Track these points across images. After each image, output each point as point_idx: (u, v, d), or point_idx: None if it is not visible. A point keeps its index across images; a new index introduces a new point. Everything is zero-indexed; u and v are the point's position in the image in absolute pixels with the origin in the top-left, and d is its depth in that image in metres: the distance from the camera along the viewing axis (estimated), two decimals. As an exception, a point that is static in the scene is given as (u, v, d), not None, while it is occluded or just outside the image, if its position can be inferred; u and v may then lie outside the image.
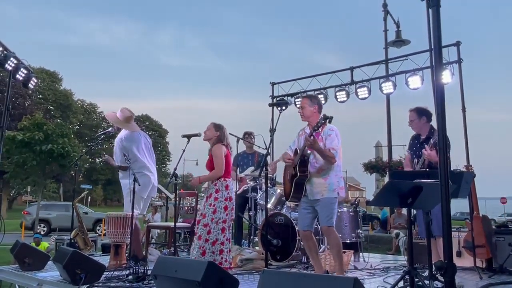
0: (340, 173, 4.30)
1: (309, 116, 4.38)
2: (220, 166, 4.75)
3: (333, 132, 4.24)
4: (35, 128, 15.91)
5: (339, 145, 4.24)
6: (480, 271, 4.67)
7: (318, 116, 4.32)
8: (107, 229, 5.20)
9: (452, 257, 2.15)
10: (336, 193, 4.19)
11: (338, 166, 4.26)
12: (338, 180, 4.24)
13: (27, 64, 7.29)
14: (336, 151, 4.16)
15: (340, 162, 4.26)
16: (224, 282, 3.14)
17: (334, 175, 4.22)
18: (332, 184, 4.18)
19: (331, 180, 4.19)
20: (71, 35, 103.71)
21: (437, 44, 2.37)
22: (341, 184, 4.27)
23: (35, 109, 35.13)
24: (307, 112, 4.39)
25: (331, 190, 4.17)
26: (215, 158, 4.78)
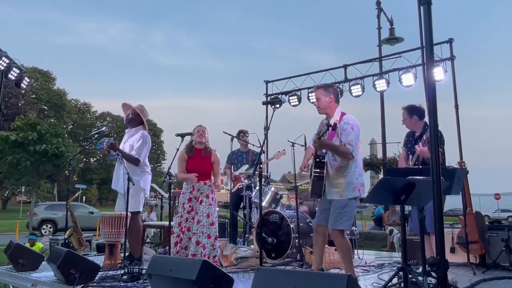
0: (359, 169, 3.93)
1: (326, 107, 4.04)
2: (219, 173, 5.16)
3: (349, 125, 3.86)
4: (28, 128, 15.83)
5: (357, 137, 3.85)
6: (473, 267, 4.70)
7: (335, 107, 4.03)
8: (102, 228, 5.18)
9: (444, 253, 2.16)
10: (357, 191, 3.86)
11: (358, 161, 3.91)
12: (358, 176, 3.89)
13: (19, 63, 7.25)
14: (352, 146, 3.80)
15: (360, 157, 3.94)
16: (218, 280, 3.15)
17: (353, 172, 3.87)
18: (352, 183, 3.86)
19: (350, 179, 3.86)
20: (65, 34, 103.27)
21: (428, 42, 2.38)
22: (362, 180, 3.91)
23: (28, 109, 34.95)
24: (322, 103, 4.05)
25: (349, 190, 3.85)
26: (217, 165, 5.08)
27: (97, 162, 61.84)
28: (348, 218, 3.85)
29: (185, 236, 4.81)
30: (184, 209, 4.90)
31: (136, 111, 5.41)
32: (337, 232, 3.84)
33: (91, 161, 62.16)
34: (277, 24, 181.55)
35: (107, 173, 59.72)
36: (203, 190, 4.91)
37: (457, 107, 7.32)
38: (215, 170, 5.03)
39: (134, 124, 5.42)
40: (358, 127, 3.91)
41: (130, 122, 5.43)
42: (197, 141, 4.97)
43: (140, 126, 5.41)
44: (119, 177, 5.12)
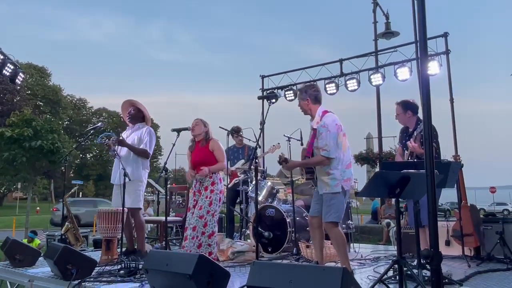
0: (343, 165, 4.06)
1: (306, 110, 4.26)
2: (223, 158, 4.96)
3: (325, 129, 4.02)
4: (24, 124, 15.73)
5: (334, 138, 3.98)
6: (468, 259, 4.74)
7: (315, 107, 4.20)
8: (99, 224, 5.19)
9: (438, 246, 2.18)
10: (339, 187, 4.00)
11: (340, 159, 4.04)
12: (342, 173, 4.03)
13: (14, 59, 7.21)
14: (327, 150, 3.96)
15: (341, 154, 4.05)
16: (215, 274, 3.16)
17: (337, 169, 4.02)
18: (335, 179, 4.01)
19: (334, 175, 4.02)
20: (60, 30, 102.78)
21: (422, 36, 2.39)
22: (346, 176, 4.05)
23: (23, 105, 34.77)
24: (302, 107, 4.28)
25: (333, 185, 4.02)
26: (219, 151, 4.94)
27: (94, 158, 61.68)
28: (336, 211, 3.97)
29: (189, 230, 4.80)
30: (191, 204, 4.94)
31: (138, 107, 5.42)
32: (328, 225, 4.00)
33: (88, 157, 62.00)
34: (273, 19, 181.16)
35: (103, 169, 59.58)
36: (204, 182, 4.89)
37: (452, 101, 7.34)
38: (218, 157, 4.89)
39: (136, 120, 5.42)
40: (337, 126, 4.05)
41: (133, 119, 5.43)
42: (192, 134, 5.02)
43: (143, 123, 5.42)
44: (117, 172, 5.16)
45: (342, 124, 4.17)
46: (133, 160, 5.21)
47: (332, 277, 2.40)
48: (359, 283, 2.70)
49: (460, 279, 3.75)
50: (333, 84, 8.97)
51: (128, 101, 5.52)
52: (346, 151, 4.14)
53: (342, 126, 4.16)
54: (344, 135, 4.14)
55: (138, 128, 5.38)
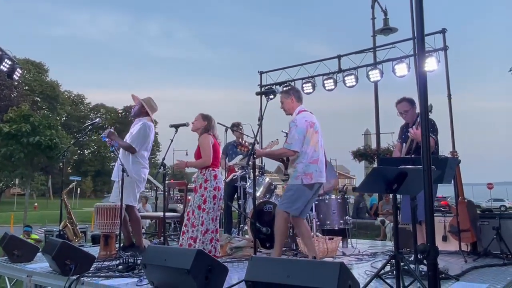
0: (308, 160, 4.28)
1: (289, 108, 4.56)
2: (207, 155, 4.77)
3: (294, 123, 4.33)
4: (21, 120, 15.70)
5: (299, 133, 4.26)
6: (465, 254, 4.76)
7: (296, 106, 4.51)
8: (97, 219, 5.20)
9: (434, 240, 2.20)
10: (299, 180, 4.24)
11: (305, 153, 4.27)
12: (304, 166, 4.26)
13: (11, 55, 7.19)
14: (291, 143, 4.25)
15: (308, 149, 4.28)
16: (213, 270, 3.17)
17: (300, 163, 4.27)
18: (296, 172, 4.27)
19: (296, 168, 4.28)
20: (58, 26, 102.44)
21: (420, 32, 2.39)
22: (309, 170, 4.26)
23: (21, 100, 34.66)
24: (286, 105, 4.57)
25: (294, 177, 4.28)
26: (201, 147, 4.82)
27: (92, 154, 61.64)
28: (289, 201, 4.27)
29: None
30: (191, 199, 4.95)
31: (141, 103, 5.40)
32: (277, 211, 4.34)
33: (86, 153, 61.94)
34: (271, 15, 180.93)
35: (101, 165, 59.57)
36: (198, 179, 4.86)
37: (450, 97, 7.37)
38: (201, 153, 4.80)
39: (139, 116, 5.44)
40: (306, 122, 4.32)
41: (136, 114, 5.45)
42: (191, 130, 5.01)
43: (144, 118, 5.42)
44: (117, 168, 5.16)
45: (316, 122, 4.43)
46: (123, 156, 5.21)
47: (329, 272, 2.42)
48: (356, 278, 2.72)
49: (457, 274, 3.77)
50: (331, 80, 8.98)
51: (132, 96, 5.54)
52: (317, 148, 4.35)
53: (316, 124, 4.41)
54: (316, 133, 4.37)
55: (136, 122, 5.40)
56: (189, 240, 4.67)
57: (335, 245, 5.12)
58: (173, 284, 3.25)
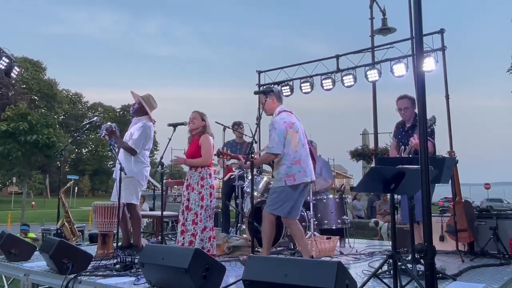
0: (290, 161, 4.27)
1: (270, 109, 4.54)
2: (209, 156, 4.89)
3: (272, 126, 4.33)
4: (19, 118, 15.68)
5: (279, 135, 4.24)
6: (462, 254, 4.78)
7: (277, 105, 4.50)
8: (94, 218, 5.19)
9: (431, 240, 2.20)
10: (283, 182, 4.24)
11: (287, 154, 4.27)
12: (287, 168, 4.25)
13: (9, 53, 7.17)
14: (272, 146, 4.26)
15: (289, 150, 4.27)
16: (210, 269, 3.18)
17: (283, 165, 4.27)
18: (279, 174, 4.28)
19: (280, 170, 4.29)
20: (56, 24, 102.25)
21: (418, 32, 2.40)
22: (292, 171, 4.24)
23: (19, 99, 34.62)
24: (267, 106, 4.55)
25: (277, 180, 4.30)
26: (203, 147, 4.85)
27: (89, 153, 61.52)
28: (273, 203, 4.28)
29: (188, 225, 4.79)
30: (184, 197, 4.91)
31: (141, 101, 5.37)
32: (265, 213, 4.32)
33: (83, 152, 61.82)
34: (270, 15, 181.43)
35: (99, 164, 59.45)
36: (194, 177, 4.87)
37: (448, 97, 7.37)
38: (202, 152, 4.84)
39: (139, 114, 5.40)
40: (285, 124, 4.31)
41: (135, 112, 5.41)
42: (188, 129, 5.00)
43: (144, 117, 5.38)
44: (118, 167, 5.15)
45: (295, 122, 4.41)
46: (125, 155, 5.21)
47: (327, 271, 2.43)
48: (353, 278, 2.72)
49: (454, 274, 3.78)
50: (329, 79, 8.98)
51: (132, 93, 5.51)
52: (298, 148, 4.33)
53: (296, 123, 4.39)
54: (296, 132, 4.35)
55: (136, 122, 5.37)
56: (190, 237, 4.69)
57: (333, 244, 5.13)
58: (171, 283, 3.25)
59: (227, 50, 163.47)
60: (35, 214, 23.53)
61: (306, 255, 4.30)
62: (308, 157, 4.44)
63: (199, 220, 4.72)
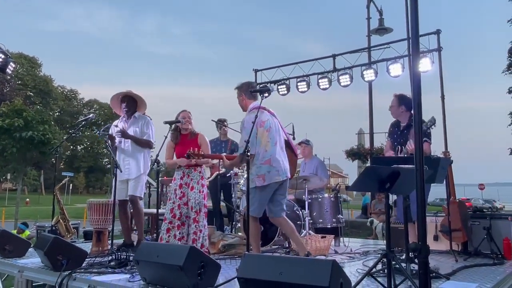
0: (260, 161, 4.20)
1: (242, 106, 4.51)
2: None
3: (242, 125, 4.27)
4: (14, 114, 15.58)
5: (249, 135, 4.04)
6: (456, 254, 4.80)
7: (249, 103, 4.42)
8: (89, 215, 5.19)
9: (425, 239, 2.22)
10: (254, 183, 4.18)
11: (257, 154, 4.20)
12: (257, 168, 4.19)
13: (4, 48, 7.13)
14: (242, 146, 4.10)
15: (259, 150, 4.20)
16: (205, 266, 3.19)
17: (254, 165, 4.21)
18: (251, 175, 4.19)
19: (252, 171, 4.19)
20: (52, 20, 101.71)
21: (414, 33, 2.41)
22: (261, 172, 4.18)
23: (14, 95, 34.41)
24: (239, 103, 4.52)
25: (250, 180, 4.19)
26: (204, 146, 4.95)
27: (85, 150, 61.34)
28: (252, 205, 4.15)
29: (180, 222, 4.78)
30: (176, 195, 4.86)
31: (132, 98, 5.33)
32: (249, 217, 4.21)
33: (78, 148, 61.63)
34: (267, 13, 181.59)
35: (94, 161, 59.28)
36: (193, 176, 4.87)
37: (443, 98, 7.42)
38: (203, 151, 4.83)
39: (132, 112, 5.34)
40: (253, 123, 4.05)
41: (129, 111, 5.32)
42: (183, 127, 4.97)
43: (142, 113, 5.39)
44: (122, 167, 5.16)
45: (266, 120, 4.29)
46: (136, 151, 5.21)
47: (321, 270, 2.44)
48: (348, 276, 2.74)
49: (447, 273, 3.80)
50: (325, 79, 9.01)
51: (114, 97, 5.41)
52: (268, 147, 4.23)
53: (266, 121, 4.28)
54: (267, 131, 4.25)
55: (136, 120, 5.31)
56: (193, 235, 4.71)
57: (328, 243, 5.15)
58: (166, 280, 3.25)
59: (224, 48, 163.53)
60: (29, 210, 23.46)
61: (302, 252, 4.26)
62: (280, 155, 4.32)
63: (201, 218, 4.77)
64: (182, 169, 4.92)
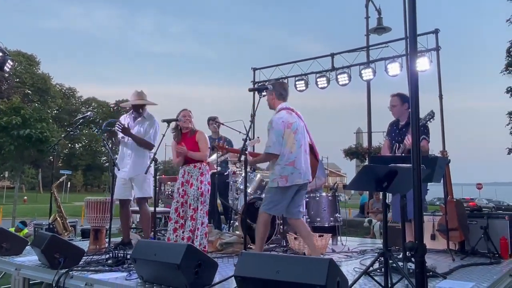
0: (285, 162, 4.22)
1: (270, 105, 4.53)
2: (207, 151, 5.02)
3: (270, 125, 4.28)
4: (12, 112, 15.54)
5: (276, 135, 4.19)
6: (453, 253, 4.81)
7: (278, 103, 4.44)
8: (87, 213, 5.19)
9: (422, 238, 2.22)
10: (276, 183, 4.21)
11: (282, 155, 4.22)
12: (281, 169, 4.22)
13: (2, 46, 7.12)
14: (268, 146, 4.23)
15: (285, 151, 4.22)
16: (203, 265, 3.19)
17: (277, 165, 4.24)
18: (273, 175, 4.26)
19: (274, 171, 4.26)
20: (51, 18, 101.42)
21: (412, 32, 2.40)
22: (284, 173, 4.20)
23: (12, 93, 34.35)
24: (268, 102, 4.54)
25: (271, 180, 4.29)
26: (203, 143, 4.95)
27: (83, 148, 61.25)
28: (267, 203, 4.28)
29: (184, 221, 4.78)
30: (179, 194, 4.88)
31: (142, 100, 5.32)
32: (259, 213, 4.32)
33: (76, 147, 61.55)
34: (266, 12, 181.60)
35: (92, 159, 59.18)
36: (193, 173, 4.87)
37: (441, 97, 7.42)
38: (201, 147, 4.91)
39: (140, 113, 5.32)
40: (283, 123, 4.22)
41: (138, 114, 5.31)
42: (183, 126, 4.98)
43: (150, 114, 5.36)
44: (127, 166, 5.17)
45: (294, 122, 4.31)
46: (140, 152, 5.20)
47: (318, 268, 2.44)
48: (345, 275, 2.74)
49: (444, 272, 3.81)
50: (324, 78, 9.01)
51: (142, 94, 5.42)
52: (293, 149, 4.26)
53: (294, 123, 4.30)
54: (294, 133, 4.27)
55: (144, 120, 5.29)
56: (189, 233, 4.69)
57: (325, 242, 5.15)
58: (163, 279, 3.25)
59: (222, 47, 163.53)
60: (27, 208, 23.40)
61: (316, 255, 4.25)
62: (305, 158, 4.36)
63: (199, 216, 4.74)
64: (183, 167, 4.93)
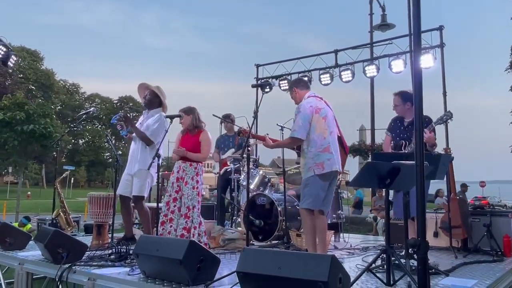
0: (317, 148, 4.04)
1: (295, 98, 4.43)
2: (208, 153, 5.00)
3: (297, 110, 4.14)
4: (16, 107, 15.59)
5: (304, 119, 4.02)
6: (455, 250, 4.80)
7: (303, 94, 4.36)
8: (90, 209, 5.20)
9: (425, 235, 2.22)
10: (312, 171, 4.02)
11: (313, 141, 4.05)
12: (314, 156, 4.03)
13: (6, 42, 7.13)
14: (293, 130, 4.06)
15: (315, 137, 4.05)
16: (205, 260, 3.19)
17: (309, 152, 4.07)
18: (307, 164, 4.07)
19: (307, 160, 4.08)
20: (53, 14, 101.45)
21: (416, 29, 2.39)
22: (320, 159, 4.01)
23: (16, 88, 34.42)
24: (293, 97, 4.47)
25: (306, 170, 4.08)
26: (203, 144, 4.90)
27: (86, 144, 61.41)
28: (308, 197, 4.05)
29: (175, 216, 4.75)
30: (173, 188, 4.86)
31: (155, 91, 5.22)
32: (301, 211, 4.13)
33: (80, 142, 61.71)
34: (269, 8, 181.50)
35: (96, 155, 59.35)
36: (188, 171, 4.85)
37: (445, 94, 7.40)
38: (201, 148, 4.86)
39: (152, 106, 5.24)
40: (311, 108, 4.09)
41: (149, 103, 5.23)
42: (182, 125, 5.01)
43: (159, 108, 5.24)
44: (131, 160, 5.14)
45: (323, 107, 4.18)
46: (141, 148, 5.12)
47: (320, 264, 2.44)
48: (347, 271, 2.74)
49: (447, 270, 3.80)
50: (327, 74, 8.99)
51: (143, 84, 5.34)
52: (325, 135, 4.10)
53: (323, 109, 4.17)
54: (323, 119, 4.13)
55: (152, 114, 5.20)
56: (182, 230, 4.68)
57: (328, 239, 5.15)
58: (165, 274, 3.26)
59: (225, 43, 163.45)
60: (30, 204, 23.52)
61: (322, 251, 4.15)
62: (336, 146, 4.20)
63: (197, 215, 4.74)
64: (179, 163, 4.91)
